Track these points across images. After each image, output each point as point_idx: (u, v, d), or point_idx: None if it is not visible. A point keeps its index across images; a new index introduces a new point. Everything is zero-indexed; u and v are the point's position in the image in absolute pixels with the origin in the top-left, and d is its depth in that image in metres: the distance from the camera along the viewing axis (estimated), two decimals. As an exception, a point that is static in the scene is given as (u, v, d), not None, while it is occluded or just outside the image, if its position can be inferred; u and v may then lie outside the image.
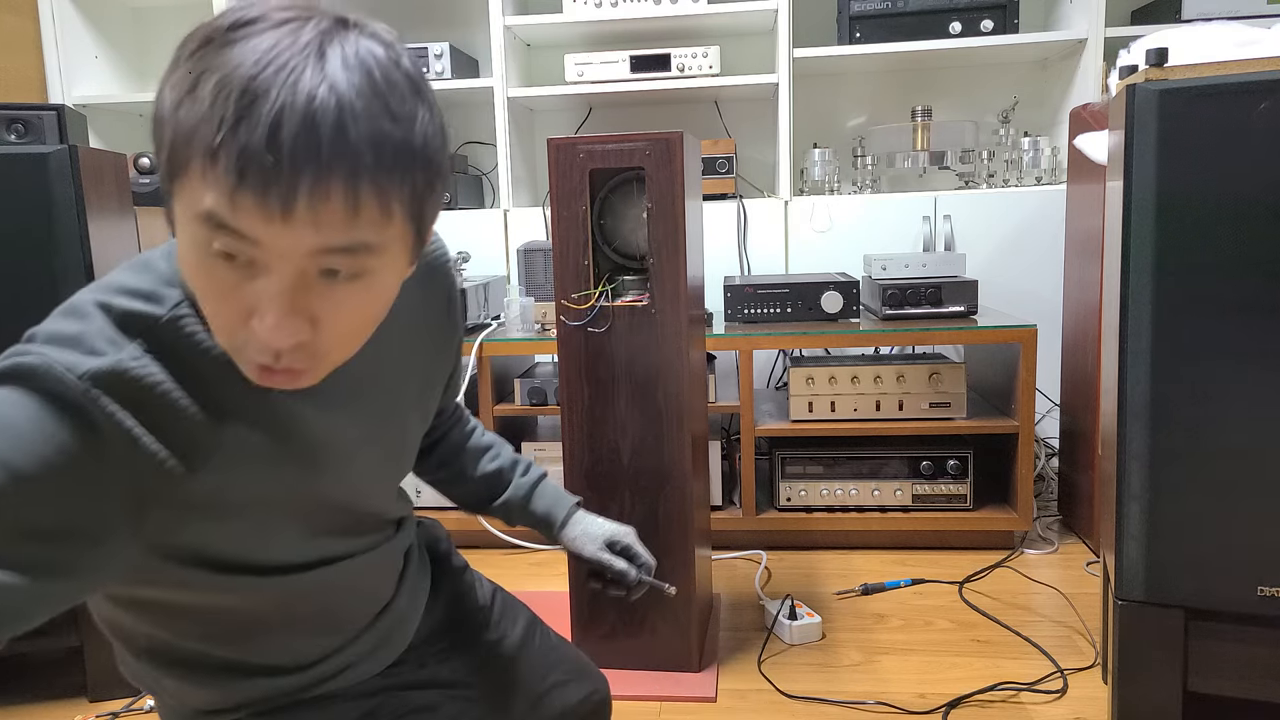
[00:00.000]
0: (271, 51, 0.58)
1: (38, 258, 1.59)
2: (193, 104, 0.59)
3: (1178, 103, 1.30)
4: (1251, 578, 1.34)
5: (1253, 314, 1.30)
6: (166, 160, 0.62)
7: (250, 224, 0.59)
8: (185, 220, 0.62)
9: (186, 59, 0.61)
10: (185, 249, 0.63)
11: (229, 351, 0.67)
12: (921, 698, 1.64)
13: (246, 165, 0.57)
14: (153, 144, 0.63)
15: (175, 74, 0.62)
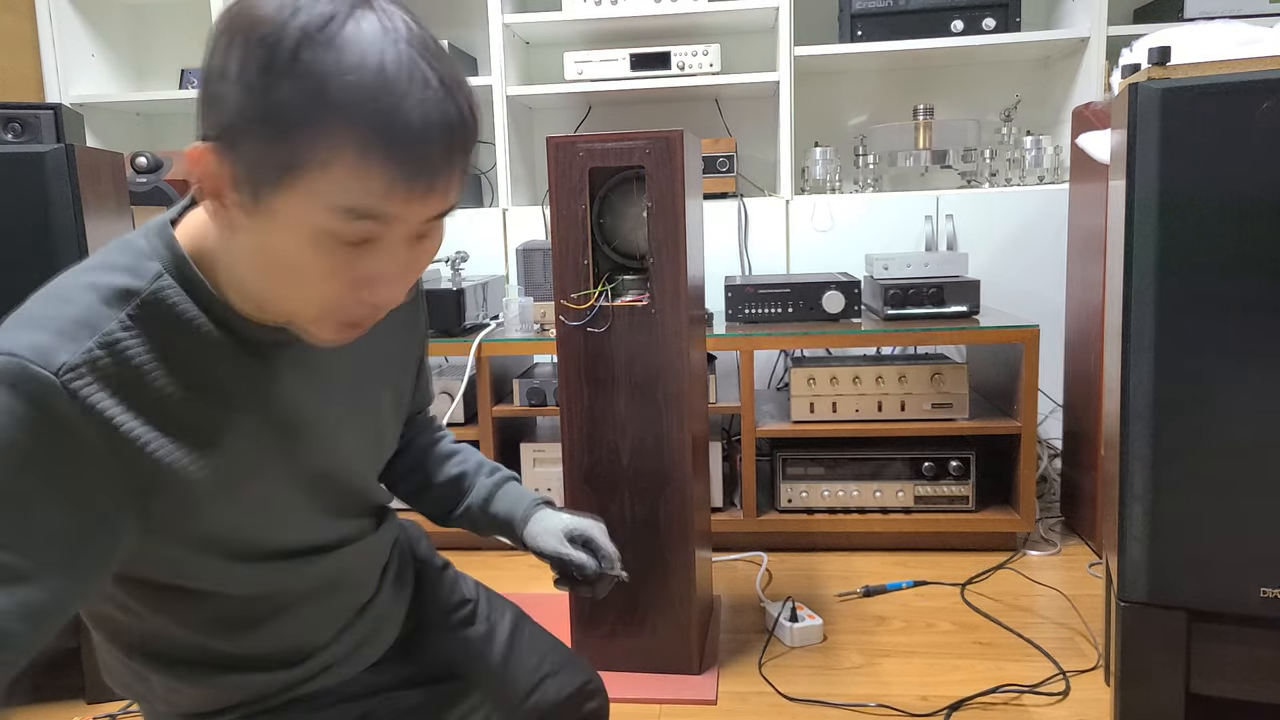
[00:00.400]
0: (381, 48, 0.62)
1: (34, 257, 1.58)
2: (326, 109, 0.61)
3: (1180, 102, 1.29)
4: (1254, 579, 1.34)
5: (1256, 313, 1.29)
6: (273, 158, 0.63)
7: (395, 206, 0.65)
8: (300, 215, 0.64)
9: (286, 66, 0.61)
10: (284, 239, 0.65)
11: (307, 323, 0.71)
12: (923, 700, 1.63)
13: (404, 158, 0.63)
14: (249, 153, 0.63)
15: (278, 83, 0.61)
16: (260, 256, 0.68)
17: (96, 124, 3.05)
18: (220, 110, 0.63)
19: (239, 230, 0.68)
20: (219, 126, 0.64)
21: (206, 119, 0.65)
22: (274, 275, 0.68)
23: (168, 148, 2.99)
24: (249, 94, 0.62)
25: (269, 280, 0.69)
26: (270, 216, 0.65)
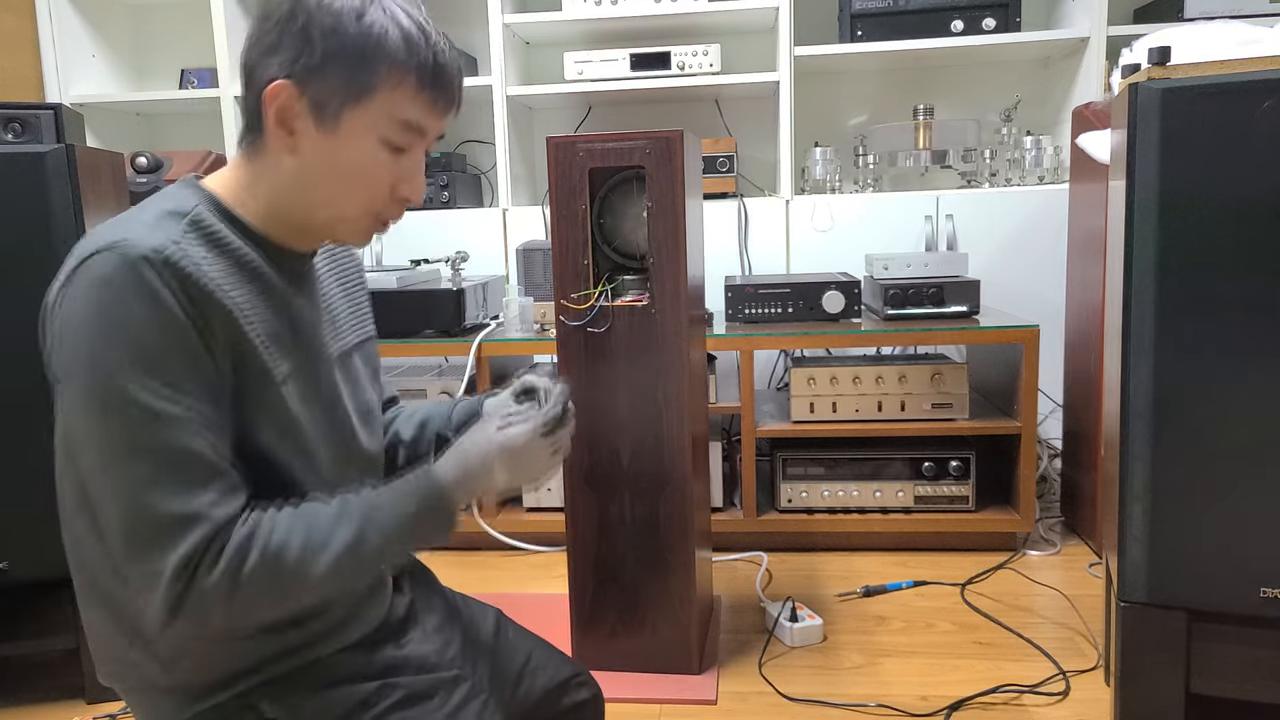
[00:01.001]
0: (409, 11, 0.89)
1: (35, 257, 1.58)
2: (387, 41, 0.87)
3: (1180, 102, 1.29)
4: (1254, 579, 1.34)
5: (1256, 313, 1.29)
6: (357, 85, 0.87)
7: (432, 122, 0.91)
8: (368, 125, 0.88)
9: (360, 21, 0.86)
10: (354, 148, 0.89)
11: (344, 225, 0.93)
12: (923, 700, 1.63)
13: (441, 87, 0.90)
14: (330, 82, 0.87)
15: (356, 32, 0.86)
16: (325, 166, 0.89)
17: (96, 124, 3.05)
18: (307, 53, 0.85)
19: (303, 152, 0.88)
20: (303, 64, 0.85)
21: (282, 63, 0.86)
22: (334, 181, 0.89)
23: (167, 148, 2.99)
24: (333, 40, 0.85)
25: (328, 188, 0.90)
26: (340, 132, 0.88)
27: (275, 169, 0.90)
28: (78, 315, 0.79)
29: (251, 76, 0.88)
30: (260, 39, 0.87)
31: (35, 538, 1.62)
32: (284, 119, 0.87)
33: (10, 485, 1.61)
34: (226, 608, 0.81)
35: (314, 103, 0.87)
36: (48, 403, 1.62)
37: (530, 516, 2.36)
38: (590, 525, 1.70)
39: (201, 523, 0.80)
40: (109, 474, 0.79)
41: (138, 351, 0.79)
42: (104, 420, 0.79)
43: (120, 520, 0.79)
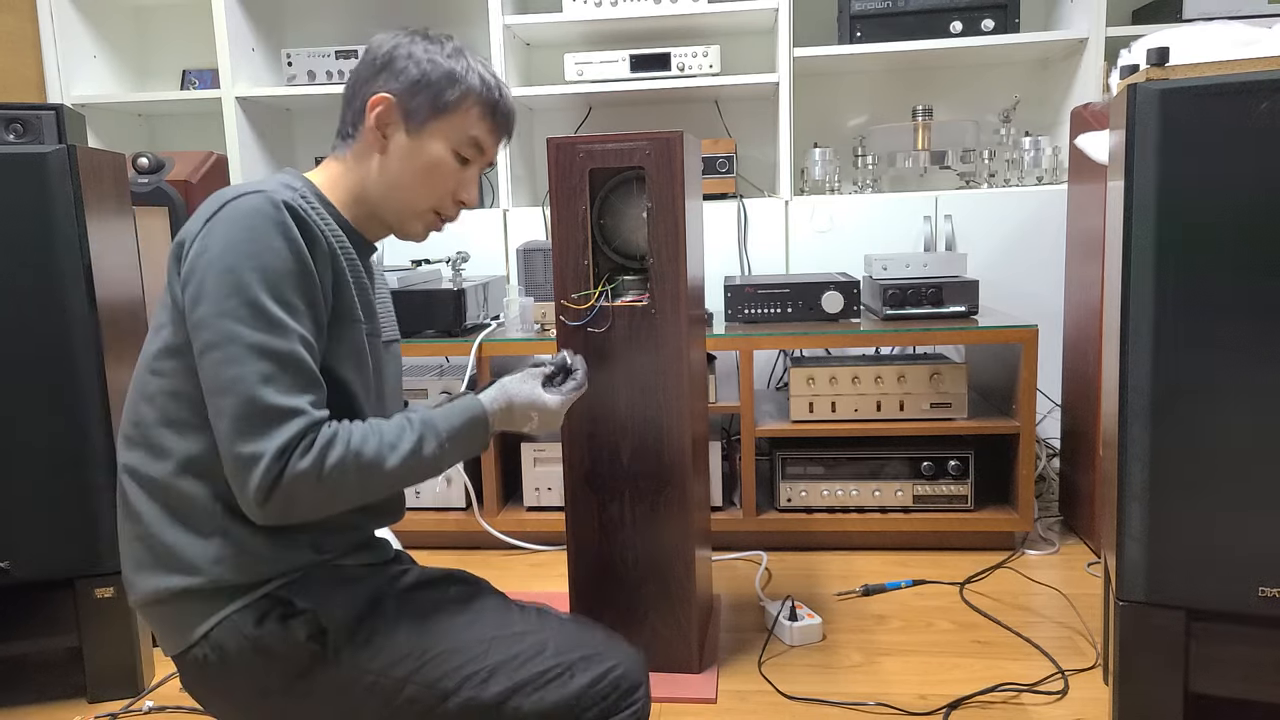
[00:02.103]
0: (482, 61, 1.18)
1: (36, 257, 1.58)
2: (468, 77, 1.15)
3: (1179, 102, 1.30)
4: (1253, 579, 1.34)
5: (1255, 314, 1.29)
6: (441, 103, 1.14)
7: (491, 144, 1.19)
8: (445, 136, 1.15)
9: (449, 56, 1.15)
10: (432, 152, 1.15)
11: (412, 217, 1.18)
12: (922, 699, 1.64)
13: (504, 119, 1.19)
14: (422, 99, 1.14)
15: (446, 64, 1.15)
16: (407, 163, 1.14)
17: (98, 125, 3.06)
18: (406, 77, 1.13)
19: (391, 151, 1.14)
20: (402, 84, 1.13)
21: (388, 82, 1.13)
22: (412, 176, 1.15)
23: (169, 148, 2.99)
24: (429, 68, 1.13)
25: (407, 181, 1.15)
26: (424, 138, 1.14)
27: (364, 165, 1.15)
28: (224, 238, 0.99)
29: (355, 95, 1.15)
30: (364, 70, 1.15)
31: (36, 538, 1.62)
32: (381, 123, 1.13)
33: (11, 485, 1.61)
34: (313, 491, 0.97)
35: (406, 113, 1.13)
36: (49, 403, 1.63)
37: (530, 516, 2.37)
38: (590, 524, 1.71)
39: (301, 416, 0.97)
40: (232, 367, 0.96)
41: (272, 271, 0.99)
42: (237, 323, 0.97)
43: (235, 407, 0.96)
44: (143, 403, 1.06)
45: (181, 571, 1.03)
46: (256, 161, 3.00)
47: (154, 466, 1.04)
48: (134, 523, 1.06)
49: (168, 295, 1.04)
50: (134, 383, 1.08)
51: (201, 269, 0.98)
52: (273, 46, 3.10)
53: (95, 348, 1.63)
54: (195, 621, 1.04)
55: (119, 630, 1.71)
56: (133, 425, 1.07)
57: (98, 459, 1.64)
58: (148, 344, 1.07)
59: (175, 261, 1.03)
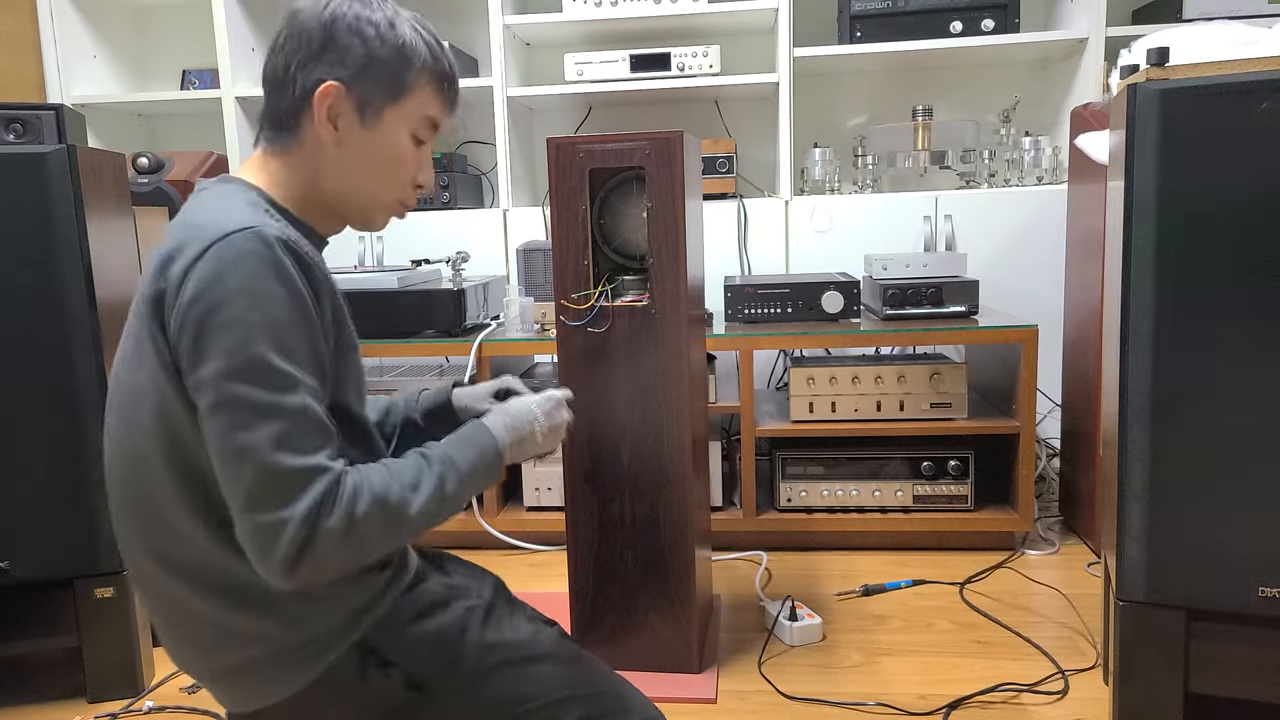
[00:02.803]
0: (425, 26, 1.06)
1: (36, 257, 1.58)
2: (417, 51, 1.04)
3: (1179, 102, 1.30)
4: (1252, 579, 1.34)
5: (1254, 314, 1.30)
6: (396, 87, 1.03)
7: (444, 119, 1.09)
8: (402, 121, 1.05)
9: (393, 33, 1.02)
10: (391, 140, 1.05)
11: (376, 210, 1.08)
12: (922, 699, 1.64)
13: (454, 89, 1.09)
14: (373, 84, 1.02)
15: (393, 43, 1.02)
16: (367, 157, 1.04)
17: (98, 125, 3.06)
18: (352, 59, 1.00)
19: (346, 145, 1.03)
20: (350, 68, 1.00)
21: (333, 67, 1.00)
22: (373, 170, 1.05)
23: (169, 148, 2.99)
24: (376, 48, 1.01)
25: (367, 176, 1.05)
26: (381, 127, 1.03)
27: (314, 162, 1.03)
28: (217, 288, 0.88)
29: (290, 83, 1.01)
30: (297, 50, 1.01)
31: (36, 538, 1.63)
32: (332, 116, 1.01)
33: (11, 485, 1.61)
34: (344, 548, 0.91)
35: (359, 101, 1.02)
36: (49, 403, 1.63)
37: (530, 515, 2.37)
38: (590, 524, 1.71)
39: (322, 474, 0.90)
40: (241, 432, 0.88)
41: (274, 322, 0.90)
42: (242, 383, 0.88)
43: (250, 475, 0.88)
44: (144, 476, 0.96)
45: (256, 642, 0.97)
46: (256, 161, 2.99)
47: (183, 549, 0.96)
48: (174, 605, 0.98)
49: (147, 347, 0.93)
50: (120, 444, 0.97)
51: (195, 323, 0.89)
52: (273, 46, 3.10)
53: (95, 348, 1.63)
54: (286, 681, 0.99)
55: (119, 630, 1.71)
56: (139, 503, 0.97)
57: (97, 459, 1.64)
58: (125, 401, 0.96)
59: (155, 310, 0.92)
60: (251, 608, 0.96)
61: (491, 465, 1.08)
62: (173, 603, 0.98)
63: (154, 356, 0.92)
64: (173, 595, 0.97)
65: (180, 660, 1.02)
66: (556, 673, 1.12)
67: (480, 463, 1.06)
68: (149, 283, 0.93)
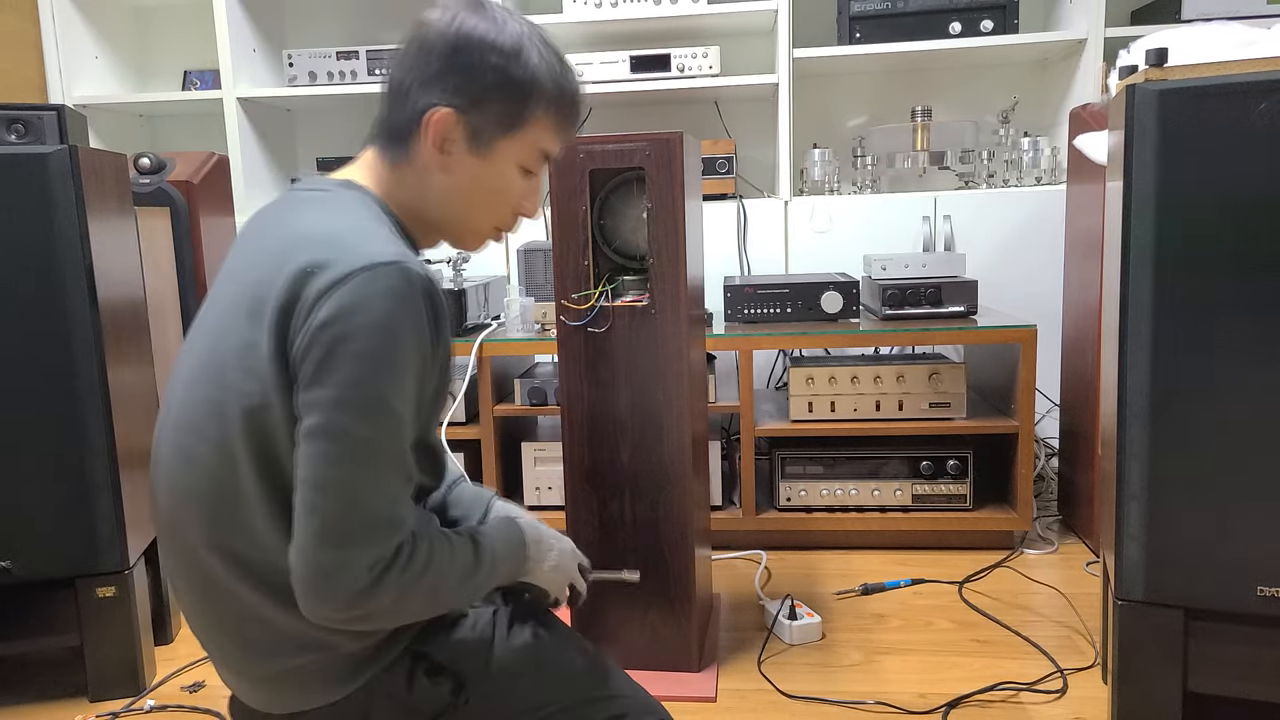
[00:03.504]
0: (558, 56, 1.03)
1: (37, 258, 1.59)
2: (538, 83, 1.00)
3: (1178, 103, 1.30)
4: (1251, 578, 1.34)
5: (1253, 313, 1.30)
6: (511, 120, 1.01)
7: (559, 150, 1.07)
8: (514, 153, 1.03)
9: (517, 63, 0.99)
10: (500, 171, 1.03)
11: (472, 235, 1.08)
12: (921, 698, 1.64)
13: (575, 122, 1.07)
14: (490, 113, 1.00)
15: (516, 72, 0.99)
16: (472, 186, 1.03)
17: (99, 125, 3.06)
18: (470, 87, 0.98)
19: (453, 172, 1.01)
20: (467, 96, 0.98)
21: (450, 92, 0.98)
22: (477, 198, 1.04)
23: (170, 149, 2.99)
24: (496, 76, 0.98)
25: (470, 204, 1.04)
26: (492, 156, 1.02)
27: (422, 181, 1.02)
28: (358, 318, 0.87)
29: (407, 96, 0.99)
30: (420, 66, 0.98)
31: (38, 537, 1.63)
32: (443, 140, 0.99)
33: (12, 485, 1.61)
34: (392, 607, 0.90)
35: (472, 130, 1.00)
36: (50, 403, 1.63)
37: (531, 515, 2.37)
38: (590, 523, 1.71)
39: (401, 528, 0.90)
40: (338, 464, 0.87)
41: (399, 363, 0.89)
42: (355, 417, 0.87)
43: (333, 509, 0.87)
44: (226, 472, 0.92)
45: (314, 649, 0.96)
46: (257, 162, 3.00)
47: (254, 549, 0.93)
48: (231, 604, 0.95)
49: (259, 350, 0.90)
50: (194, 433, 0.94)
51: (324, 345, 0.87)
52: (274, 47, 3.11)
53: (97, 348, 1.63)
54: (335, 687, 0.98)
55: (120, 629, 1.71)
56: (214, 498, 0.93)
57: (98, 458, 1.64)
58: (211, 393, 0.92)
59: (281, 318, 0.89)
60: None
61: (511, 571, 1.09)
62: (230, 602, 0.95)
63: (267, 361, 0.90)
64: (232, 594, 0.95)
65: (222, 660, 1.00)
66: (580, 675, 1.12)
67: (508, 570, 1.07)
68: (281, 288, 0.90)
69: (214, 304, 0.99)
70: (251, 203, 2.92)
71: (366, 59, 2.83)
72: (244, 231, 1.05)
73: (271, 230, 0.99)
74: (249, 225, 1.05)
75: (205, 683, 1.76)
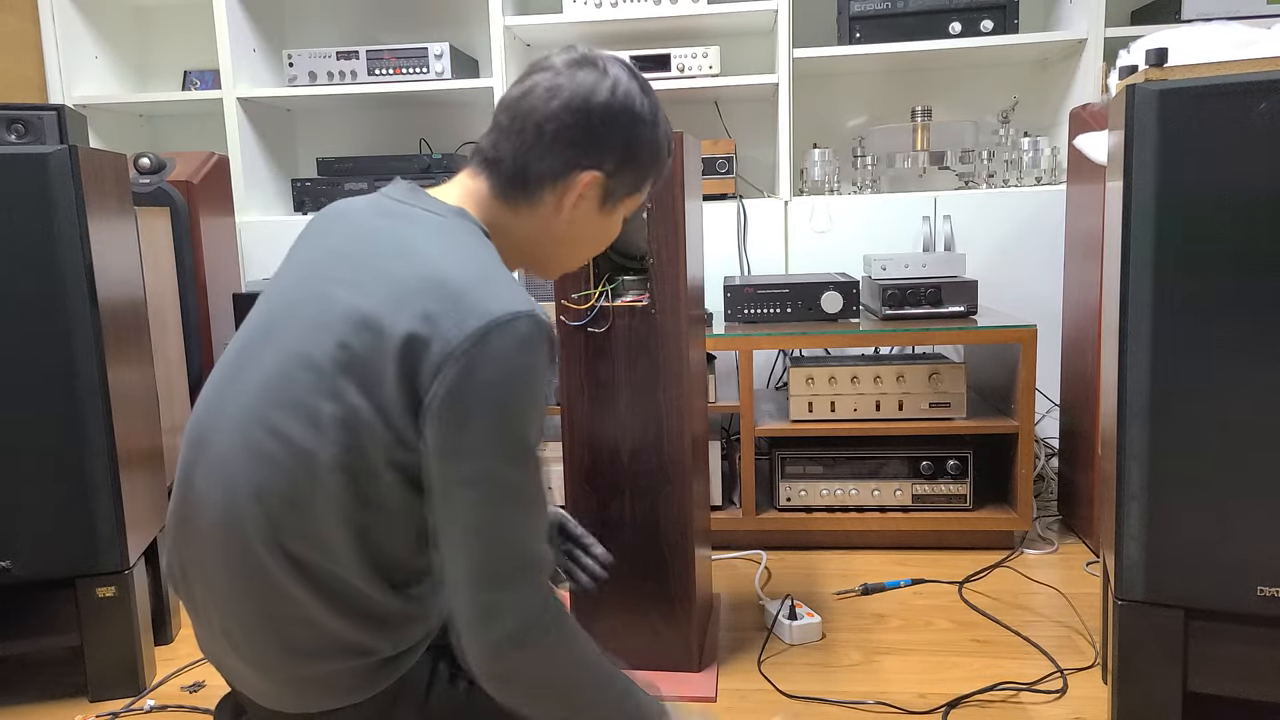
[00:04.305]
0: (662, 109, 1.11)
1: (37, 258, 1.59)
2: (666, 152, 1.12)
3: (1177, 103, 1.30)
4: (1251, 578, 1.34)
5: (1253, 313, 1.30)
6: (640, 184, 1.11)
7: None
8: (628, 209, 1.13)
9: (654, 139, 1.10)
10: (614, 224, 1.13)
11: (562, 269, 1.17)
12: (921, 698, 1.64)
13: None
14: (625, 179, 1.09)
15: (648, 146, 1.09)
16: (588, 235, 1.11)
17: (99, 125, 3.06)
18: (619, 156, 1.05)
19: (577, 224, 1.09)
20: (614, 164, 1.06)
21: (600, 157, 1.04)
22: (588, 244, 1.13)
23: (170, 149, 3.00)
24: (641, 150, 1.07)
25: (581, 249, 1.14)
26: (612, 213, 1.11)
27: (539, 224, 1.08)
28: (500, 371, 0.90)
29: (548, 150, 1.03)
30: (571, 122, 1.02)
31: (37, 537, 1.63)
32: (581, 200, 1.06)
33: (11, 485, 1.61)
34: (547, 653, 0.94)
35: (606, 192, 1.08)
36: (51, 403, 1.63)
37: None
38: (591, 523, 1.71)
39: (545, 565, 0.95)
40: (492, 508, 0.91)
41: (536, 411, 0.93)
42: (510, 466, 0.91)
43: (492, 553, 0.91)
44: (308, 480, 0.92)
45: (358, 655, 0.97)
46: (257, 162, 3.00)
47: (321, 556, 0.94)
48: (281, 605, 0.95)
49: (374, 376, 0.90)
50: (267, 428, 0.93)
51: (471, 397, 0.89)
52: (274, 47, 3.11)
53: (97, 348, 1.63)
54: (365, 689, 0.99)
55: (120, 629, 1.71)
56: (288, 502, 0.93)
57: (98, 458, 1.64)
58: (300, 397, 0.92)
59: (405, 351, 0.90)
60: (372, 626, 0.96)
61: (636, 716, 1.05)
62: (280, 603, 0.94)
63: (383, 388, 0.91)
64: (285, 595, 0.94)
65: (252, 659, 0.98)
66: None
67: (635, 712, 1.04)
68: (408, 322, 0.90)
69: (302, 300, 0.98)
70: (251, 203, 2.92)
71: (366, 59, 2.83)
72: (334, 229, 1.03)
73: (386, 247, 0.98)
74: (341, 224, 1.04)
75: (205, 683, 1.76)
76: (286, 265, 1.06)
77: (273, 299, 1.02)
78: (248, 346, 1.00)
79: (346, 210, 1.06)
